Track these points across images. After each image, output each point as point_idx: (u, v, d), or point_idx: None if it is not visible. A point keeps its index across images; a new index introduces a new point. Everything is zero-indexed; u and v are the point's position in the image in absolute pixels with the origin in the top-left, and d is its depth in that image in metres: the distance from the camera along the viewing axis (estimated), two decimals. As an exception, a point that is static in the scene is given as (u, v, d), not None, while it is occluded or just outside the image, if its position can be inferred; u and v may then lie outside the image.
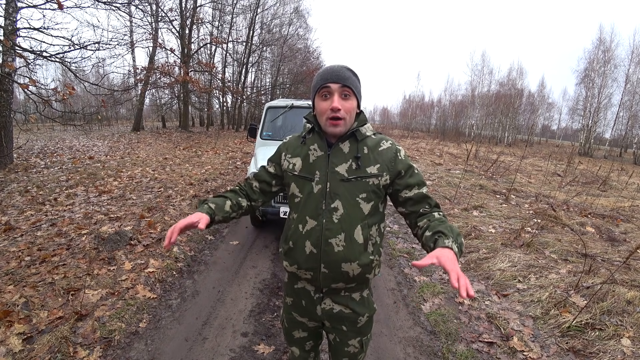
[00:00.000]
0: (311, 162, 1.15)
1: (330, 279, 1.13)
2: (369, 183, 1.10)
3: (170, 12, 15.54)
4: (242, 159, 9.72)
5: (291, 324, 1.31)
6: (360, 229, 1.10)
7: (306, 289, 1.22)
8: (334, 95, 1.08)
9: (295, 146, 1.22)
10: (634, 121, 25.69)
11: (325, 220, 1.10)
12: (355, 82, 1.12)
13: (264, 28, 22.87)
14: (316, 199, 1.12)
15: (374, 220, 1.14)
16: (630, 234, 4.50)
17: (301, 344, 1.33)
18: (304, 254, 1.14)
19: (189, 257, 3.46)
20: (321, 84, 1.09)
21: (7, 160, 6.80)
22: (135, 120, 18.14)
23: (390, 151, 1.13)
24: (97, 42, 6.77)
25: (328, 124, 1.10)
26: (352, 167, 1.10)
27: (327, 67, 1.13)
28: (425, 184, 1.16)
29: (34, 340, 2.03)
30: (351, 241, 1.09)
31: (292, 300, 1.28)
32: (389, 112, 71.77)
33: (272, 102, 4.80)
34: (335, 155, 1.12)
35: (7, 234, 3.51)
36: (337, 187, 1.10)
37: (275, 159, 1.26)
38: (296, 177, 1.17)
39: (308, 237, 1.12)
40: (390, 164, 1.12)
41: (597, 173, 11.29)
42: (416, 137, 28.79)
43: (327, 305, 1.19)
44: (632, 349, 2.11)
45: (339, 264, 1.10)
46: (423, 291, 2.99)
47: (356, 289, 1.19)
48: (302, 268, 1.16)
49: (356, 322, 1.21)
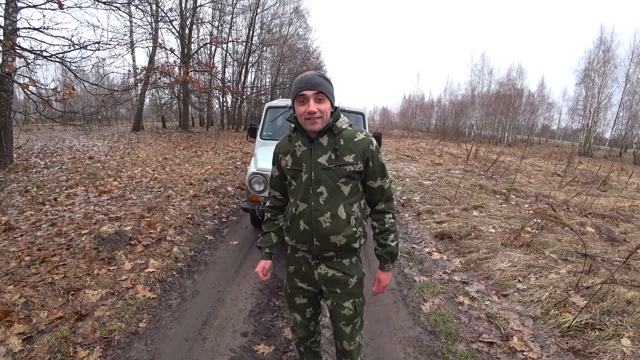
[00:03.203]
0: (298, 157, 1.37)
1: (322, 249, 1.38)
2: (347, 170, 1.32)
3: (170, 12, 15.55)
4: (242, 159, 9.72)
5: (293, 290, 1.53)
6: (343, 207, 1.34)
7: (305, 257, 1.46)
8: (310, 100, 1.28)
9: (284, 145, 1.45)
10: (634, 121, 25.68)
11: (314, 203, 1.34)
12: (328, 86, 1.31)
13: (264, 28, 22.86)
14: (305, 186, 1.35)
15: (354, 199, 1.38)
16: (630, 234, 4.50)
17: (302, 310, 1.55)
18: (299, 231, 1.38)
19: (189, 257, 3.46)
20: (298, 92, 1.29)
21: (7, 160, 6.80)
22: (135, 120, 18.14)
23: (364, 142, 1.35)
24: (97, 42, 6.76)
25: (307, 123, 1.31)
26: (331, 157, 1.32)
27: (302, 76, 1.33)
28: (386, 176, 1.41)
29: (34, 340, 2.03)
30: (336, 218, 1.33)
31: (293, 267, 1.51)
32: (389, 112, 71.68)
33: (272, 102, 4.80)
34: (316, 148, 1.34)
35: (7, 234, 3.51)
36: (320, 174, 1.33)
37: (275, 161, 1.50)
38: (290, 170, 1.40)
39: (301, 217, 1.37)
40: (363, 153, 1.34)
41: (597, 173, 11.29)
42: (416, 137, 28.78)
43: (322, 270, 1.43)
44: (632, 349, 2.10)
45: (328, 237, 1.34)
46: (423, 291, 2.99)
47: (345, 256, 1.43)
48: (299, 242, 1.41)
49: (347, 283, 1.44)
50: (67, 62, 6.29)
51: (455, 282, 3.12)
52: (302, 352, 1.68)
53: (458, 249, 3.82)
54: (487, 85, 36.22)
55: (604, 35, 25.95)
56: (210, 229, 4.30)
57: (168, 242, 3.57)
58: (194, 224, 4.27)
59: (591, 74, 26.40)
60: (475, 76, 36.87)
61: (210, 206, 5.01)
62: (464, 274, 3.27)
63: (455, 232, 4.14)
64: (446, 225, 4.45)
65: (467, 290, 2.95)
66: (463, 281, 3.11)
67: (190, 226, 4.16)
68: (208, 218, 4.61)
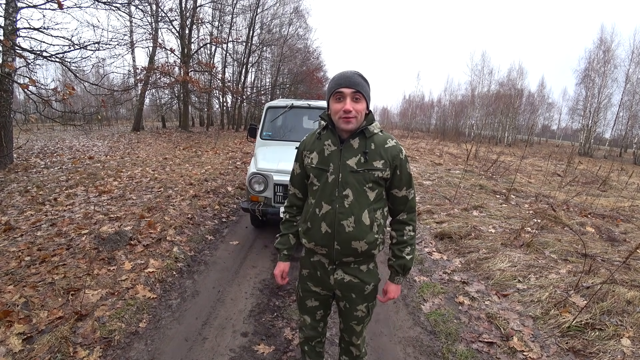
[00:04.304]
0: (326, 156, 1.34)
1: (341, 254, 1.34)
2: (375, 175, 1.29)
3: (170, 12, 15.53)
4: (242, 159, 9.72)
5: (305, 294, 1.51)
6: (367, 213, 1.30)
7: (321, 262, 1.42)
8: (347, 99, 1.25)
9: (311, 143, 1.41)
10: (634, 121, 25.68)
11: (338, 205, 1.30)
12: (365, 87, 1.29)
13: (264, 28, 22.85)
14: (330, 187, 1.31)
15: (378, 205, 1.35)
16: (630, 234, 4.50)
17: (312, 313, 1.54)
18: (320, 233, 1.34)
19: (189, 257, 3.46)
20: (335, 89, 1.26)
21: (7, 160, 6.80)
22: (135, 120, 18.12)
23: (395, 149, 1.33)
24: (97, 42, 6.76)
25: (341, 122, 1.27)
26: (360, 160, 1.29)
27: (342, 72, 1.30)
28: (412, 186, 1.39)
29: (34, 340, 2.03)
30: (360, 223, 1.29)
31: (308, 271, 1.48)
32: (389, 112, 71.74)
33: (272, 102, 4.80)
34: (346, 150, 1.31)
35: (7, 234, 3.51)
36: (348, 177, 1.29)
37: (299, 158, 1.47)
38: (314, 169, 1.36)
39: (324, 219, 1.33)
40: (393, 160, 1.31)
41: (597, 173, 11.29)
42: (416, 137, 28.78)
43: (339, 276, 1.40)
44: (632, 349, 2.10)
45: (350, 241, 1.30)
46: (423, 291, 2.99)
47: (363, 262, 1.40)
48: (318, 244, 1.36)
49: (363, 290, 1.42)
50: (67, 62, 6.29)
51: (455, 282, 3.13)
52: (306, 351, 1.68)
53: (458, 249, 3.82)
54: (487, 85, 36.30)
55: (604, 35, 25.99)
56: (210, 229, 4.30)
57: (168, 242, 3.57)
58: (194, 224, 4.27)
59: (591, 74, 26.41)
60: (475, 76, 36.96)
61: (210, 206, 5.01)
62: (464, 274, 3.27)
63: (455, 232, 4.14)
64: (446, 225, 4.45)
65: (467, 290, 2.95)
66: (463, 281, 3.11)
67: (190, 226, 4.16)
68: (208, 218, 4.61)
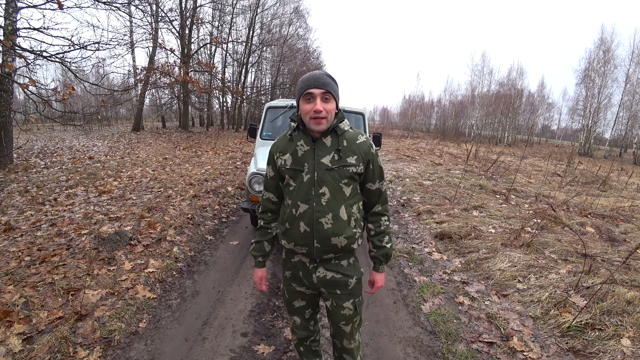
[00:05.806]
0: (300, 156, 1.35)
1: (322, 251, 1.35)
2: (349, 170, 1.32)
3: (170, 12, 15.52)
4: (242, 159, 9.72)
5: (291, 295, 1.52)
6: (344, 208, 1.33)
7: (302, 261, 1.43)
8: (317, 99, 1.27)
9: (283, 145, 1.41)
10: (634, 121, 25.67)
11: (315, 204, 1.31)
12: (334, 87, 1.32)
13: (264, 28, 22.85)
14: (307, 187, 1.33)
15: (354, 200, 1.37)
16: (630, 234, 4.50)
17: (301, 313, 1.55)
18: (299, 233, 1.35)
19: (189, 257, 3.46)
20: (305, 89, 1.28)
21: (7, 160, 6.80)
22: (135, 121, 18.13)
23: (365, 145, 1.36)
24: (97, 42, 6.76)
25: (312, 123, 1.29)
26: (334, 158, 1.32)
27: (310, 74, 1.32)
28: (384, 178, 1.44)
29: (34, 340, 2.03)
30: (337, 219, 1.32)
31: (290, 273, 1.49)
32: (389, 112, 71.61)
33: (272, 102, 4.80)
34: (320, 148, 1.33)
35: (7, 234, 3.51)
36: (323, 175, 1.31)
37: (270, 161, 1.46)
38: (289, 170, 1.37)
39: (302, 219, 1.33)
40: (365, 155, 1.35)
41: (597, 173, 11.29)
42: (416, 137, 28.78)
43: (321, 273, 1.41)
44: (632, 349, 2.10)
45: (329, 238, 1.32)
46: (423, 291, 2.99)
47: (344, 257, 1.42)
48: (298, 244, 1.37)
49: (347, 284, 1.43)
50: (67, 62, 6.29)
51: (455, 282, 3.13)
52: (302, 351, 1.68)
53: (458, 249, 3.82)
54: (487, 85, 36.26)
55: (604, 36, 25.98)
56: (210, 229, 4.30)
57: (168, 242, 3.57)
58: (194, 224, 4.27)
59: (591, 74, 26.40)
60: (475, 76, 36.91)
61: (210, 206, 5.01)
62: (464, 274, 3.27)
63: (455, 232, 4.14)
64: (446, 226, 4.45)
65: (467, 290, 2.95)
66: (463, 281, 3.11)
67: (190, 226, 4.16)
68: (208, 218, 4.61)
